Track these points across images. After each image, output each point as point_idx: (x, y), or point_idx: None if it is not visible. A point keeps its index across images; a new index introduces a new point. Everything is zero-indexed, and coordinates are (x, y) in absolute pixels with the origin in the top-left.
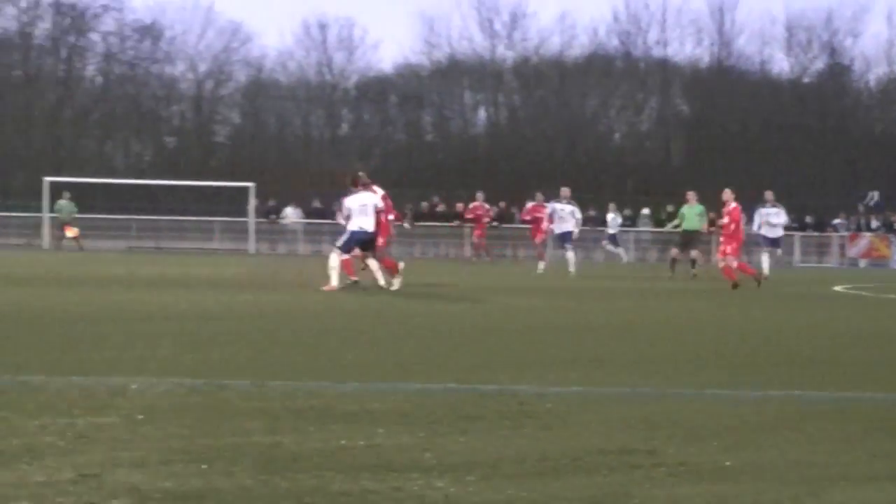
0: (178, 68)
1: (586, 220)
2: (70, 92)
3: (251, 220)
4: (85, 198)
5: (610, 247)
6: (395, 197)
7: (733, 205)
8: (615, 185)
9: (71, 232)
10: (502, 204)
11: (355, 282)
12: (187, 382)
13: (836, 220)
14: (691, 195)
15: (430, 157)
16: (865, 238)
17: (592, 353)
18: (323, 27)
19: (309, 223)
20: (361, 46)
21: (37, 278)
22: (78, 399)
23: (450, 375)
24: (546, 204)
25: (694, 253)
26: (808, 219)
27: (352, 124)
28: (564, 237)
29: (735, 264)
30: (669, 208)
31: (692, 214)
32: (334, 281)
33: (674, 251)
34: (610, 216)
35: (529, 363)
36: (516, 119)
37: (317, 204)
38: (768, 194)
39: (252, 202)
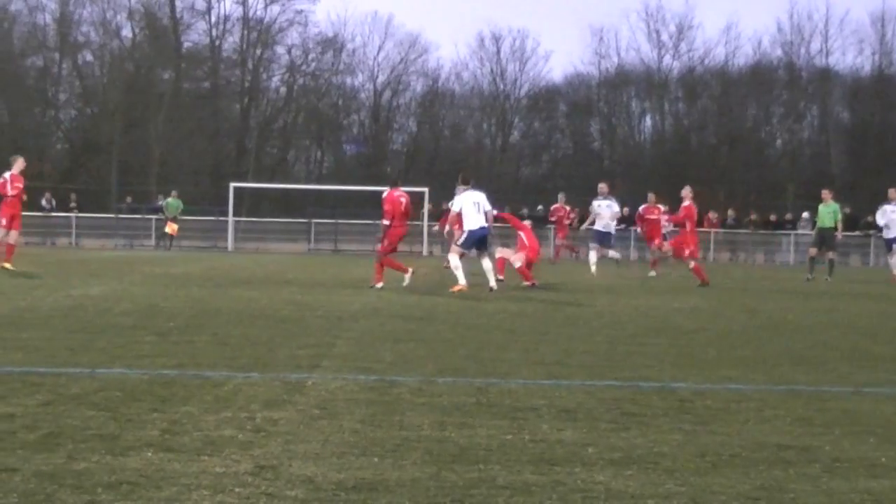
0: (358, 79)
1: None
2: (255, 102)
3: (425, 223)
4: (267, 202)
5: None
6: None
7: (687, 203)
8: (775, 190)
9: (170, 228)
10: (665, 208)
11: (501, 280)
12: (361, 379)
13: None
14: (826, 193)
15: (597, 163)
16: None
17: (746, 352)
18: (497, 39)
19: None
20: (533, 57)
21: (218, 279)
22: (256, 394)
23: (611, 373)
24: (566, 205)
25: (831, 254)
26: None
27: (522, 132)
28: (599, 236)
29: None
30: (805, 214)
31: (825, 213)
32: (462, 280)
33: (811, 250)
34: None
35: (687, 362)
36: (680, 127)
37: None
38: (892, 192)
39: (426, 206)
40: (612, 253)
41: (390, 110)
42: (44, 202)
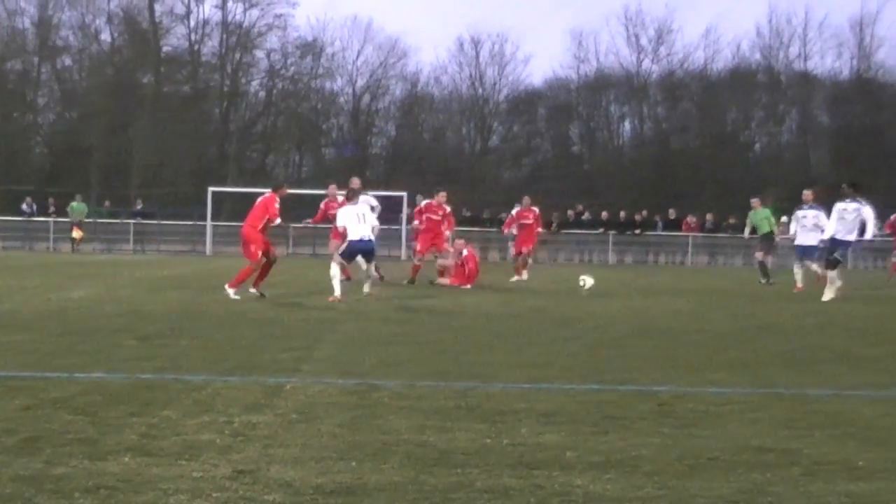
0: (338, 83)
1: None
2: (235, 106)
3: (403, 227)
4: (248, 207)
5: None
6: (543, 205)
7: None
8: (755, 195)
9: (77, 234)
10: (645, 212)
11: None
12: (341, 383)
13: None
14: (755, 202)
15: (577, 167)
16: None
17: (728, 355)
18: (476, 43)
19: (459, 230)
20: (512, 61)
21: (200, 282)
22: (236, 398)
23: (592, 376)
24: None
25: (760, 255)
26: None
27: (502, 136)
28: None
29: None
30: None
31: (759, 220)
32: (337, 291)
33: (758, 254)
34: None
35: (669, 365)
36: (660, 130)
37: (466, 213)
38: (806, 193)
39: (405, 210)
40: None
41: (370, 114)
42: (24, 206)
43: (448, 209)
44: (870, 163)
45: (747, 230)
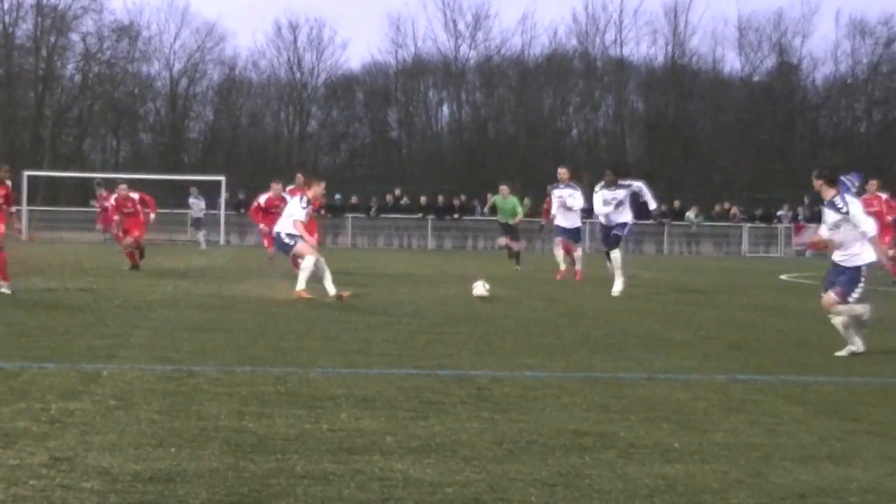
0: (154, 67)
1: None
2: (50, 90)
3: (222, 212)
4: (63, 192)
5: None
6: (362, 191)
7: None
8: (573, 179)
9: None
10: (463, 197)
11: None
12: (158, 369)
13: (780, 212)
14: (504, 189)
15: (396, 152)
16: (811, 229)
17: (544, 340)
18: (294, 27)
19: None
20: (330, 46)
21: (13, 268)
22: (52, 385)
23: (411, 362)
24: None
25: (516, 246)
26: (758, 211)
27: (320, 121)
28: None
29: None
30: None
31: (505, 207)
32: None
33: (501, 240)
34: (192, 200)
35: (487, 350)
36: (478, 116)
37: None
38: (562, 172)
39: (223, 195)
40: None
41: (187, 99)
42: None
43: (137, 197)
44: (682, 148)
45: (487, 208)
